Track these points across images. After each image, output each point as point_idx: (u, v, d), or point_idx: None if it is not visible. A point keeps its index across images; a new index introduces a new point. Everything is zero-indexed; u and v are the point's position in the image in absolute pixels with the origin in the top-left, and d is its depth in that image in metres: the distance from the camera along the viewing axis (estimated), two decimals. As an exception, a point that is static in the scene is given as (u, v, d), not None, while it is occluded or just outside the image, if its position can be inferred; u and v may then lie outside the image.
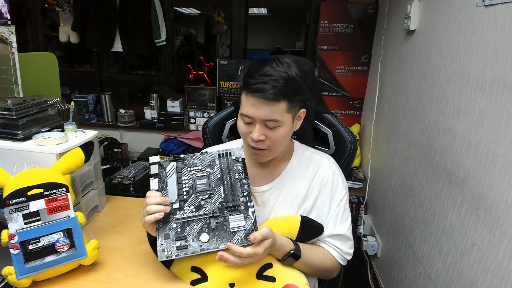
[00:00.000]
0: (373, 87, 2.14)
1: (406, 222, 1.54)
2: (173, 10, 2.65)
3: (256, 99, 0.77)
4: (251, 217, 0.77)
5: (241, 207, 0.78)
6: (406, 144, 1.60)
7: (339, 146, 1.05)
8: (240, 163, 0.82)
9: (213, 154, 0.82)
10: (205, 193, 0.79)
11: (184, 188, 0.79)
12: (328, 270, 0.90)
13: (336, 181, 0.91)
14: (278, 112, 0.78)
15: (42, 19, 2.79)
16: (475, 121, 1.04)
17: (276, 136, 0.81)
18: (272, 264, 0.80)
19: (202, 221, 0.77)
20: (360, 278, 1.95)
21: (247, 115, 0.80)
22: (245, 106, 0.80)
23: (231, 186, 0.79)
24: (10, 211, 0.74)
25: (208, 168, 0.80)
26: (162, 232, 0.76)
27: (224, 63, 2.44)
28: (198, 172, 0.80)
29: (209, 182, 0.79)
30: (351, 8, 2.23)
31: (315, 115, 1.08)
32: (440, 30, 1.32)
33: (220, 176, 0.80)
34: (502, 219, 0.89)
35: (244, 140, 0.86)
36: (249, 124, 0.82)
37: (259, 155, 0.84)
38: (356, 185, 2.19)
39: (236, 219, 0.77)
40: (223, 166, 0.81)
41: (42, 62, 1.35)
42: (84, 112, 2.73)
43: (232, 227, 0.76)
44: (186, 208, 0.77)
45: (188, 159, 0.81)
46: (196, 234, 0.76)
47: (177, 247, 0.75)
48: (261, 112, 0.78)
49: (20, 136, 0.94)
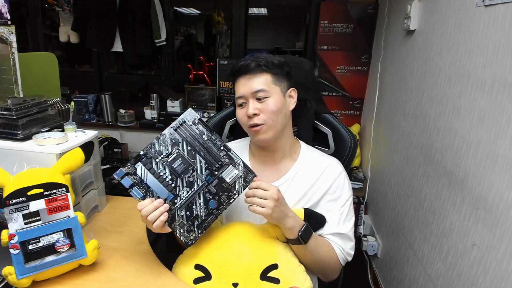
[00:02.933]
0: (373, 87, 2.14)
1: (406, 222, 1.54)
2: (173, 10, 2.65)
3: (242, 77, 0.88)
4: (239, 162, 0.80)
5: (225, 160, 0.80)
6: (406, 144, 1.60)
7: (338, 146, 1.05)
8: (199, 124, 0.81)
9: (169, 131, 0.80)
10: (188, 170, 0.79)
11: (167, 178, 0.78)
12: (330, 266, 0.89)
13: (343, 182, 0.93)
14: (263, 82, 0.87)
15: (42, 19, 2.79)
16: (475, 121, 1.04)
17: (268, 107, 0.86)
18: (278, 265, 0.80)
19: (201, 193, 0.79)
20: (360, 278, 1.95)
21: (240, 96, 0.88)
22: (237, 90, 0.89)
23: (206, 149, 0.80)
24: (10, 211, 0.74)
25: (174, 147, 0.79)
26: (175, 224, 0.78)
27: (224, 63, 2.44)
28: (168, 157, 0.79)
29: (185, 158, 0.79)
30: (351, 8, 2.23)
31: (315, 115, 1.08)
32: (440, 30, 1.32)
33: (191, 147, 0.79)
34: (502, 219, 0.89)
35: (244, 126, 0.90)
36: (244, 107, 0.88)
37: (259, 131, 0.87)
38: (356, 185, 2.19)
39: (228, 171, 0.80)
40: (186, 136, 0.80)
41: (42, 62, 1.35)
42: (84, 112, 2.73)
43: (230, 180, 0.80)
44: (180, 192, 0.78)
45: (149, 151, 0.79)
46: (204, 207, 0.79)
47: (197, 226, 0.79)
48: (248, 87, 0.86)
49: (20, 136, 0.94)
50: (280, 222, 0.79)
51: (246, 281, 0.77)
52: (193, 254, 0.84)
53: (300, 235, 0.81)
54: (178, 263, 0.85)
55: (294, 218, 0.81)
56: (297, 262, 0.84)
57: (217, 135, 0.81)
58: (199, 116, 0.81)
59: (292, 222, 0.80)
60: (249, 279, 0.78)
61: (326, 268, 0.90)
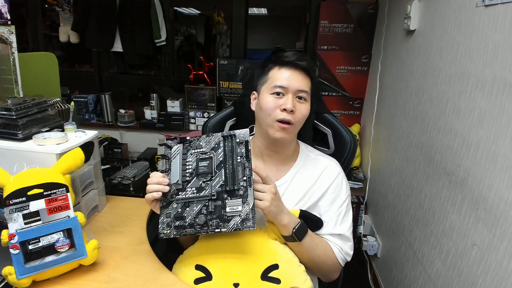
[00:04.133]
0: (373, 87, 2.14)
1: (406, 222, 1.54)
2: (173, 10, 2.65)
3: (292, 70, 0.86)
4: (250, 202, 0.76)
5: (240, 191, 0.77)
6: (406, 144, 1.60)
7: (338, 146, 1.05)
8: (243, 145, 0.80)
9: (218, 136, 0.81)
10: (207, 175, 0.79)
11: (188, 170, 0.79)
12: (328, 265, 0.89)
13: (340, 183, 0.93)
14: (308, 85, 0.87)
15: (42, 19, 2.79)
16: (475, 121, 1.04)
17: (303, 110, 0.86)
18: (278, 265, 0.80)
19: (201, 202, 0.78)
20: (360, 278, 1.95)
21: (282, 86, 0.85)
22: (279, 79, 0.86)
23: (233, 169, 0.79)
24: (10, 211, 0.74)
25: (212, 151, 0.80)
26: (164, 211, 0.78)
27: (224, 63, 2.44)
28: (201, 154, 0.80)
29: (211, 165, 0.79)
30: (351, 8, 2.23)
31: (315, 115, 1.08)
32: (440, 30, 1.32)
33: (223, 159, 0.79)
34: (502, 219, 0.89)
35: (270, 116, 0.86)
36: (279, 98, 0.86)
37: (287, 129, 0.85)
38: (356, 185, 2.19)
39: (234, 203, 0.77)
40: (226, 149, 0.80)
41: (42, 62, 1.35)
42: (84, 112, 2.73)
43: (229, 211, 0.76)
44: (188, 189, 0.78)
45: (194, 141, 0.81)
46: (194, 216, 0.77)
47: (175, 226, 0.77)
48: (296, 82, 0.85)
49: (20, 136, 0.94)
50: (276, 217, 0.80)
51: (247, 281, 0.77)
52: (193, 254, 0.84)
53: (294, 232, 0.81)
54: (179, 263, 0.85)
55: (289, 216, 0.82)
56: (297, 263, 0.84)
57: (251, 168, 0.78)
58: (248, 139, 0.80)
59: (287, 219, 0.81)
60: (250, 279, 0.78)
61: (324, 267, 0.89)
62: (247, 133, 0.81)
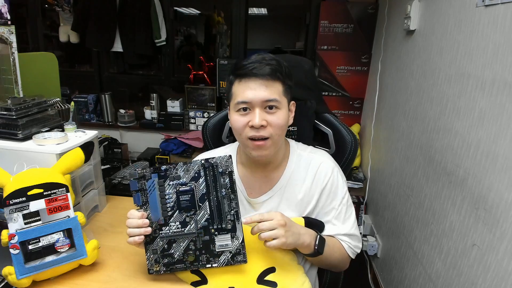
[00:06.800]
0: (373, 87, 2.14)
1: (406, 222, 1.54)
2: (173, 10, 2.65)
3: (253, 81, 0.76)
4: (239, 237, 0.75)
5: (228, 226, 0.75)
6: (406, 144, 1.60)
7: (339, 146, 1.05)
8: (227, 176, 0.74)
9: (198, 164, 0.75)
10: (190, 210, 0.75)
11: (168, 204, 0.75)
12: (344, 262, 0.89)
13: (336, 179, 0.89)
14: (276, 92, 0.77)
15: (42, 19, 2.79)
16: (475, 121, 1.04)
17: (278, 120, 0.77)
18: (275, 268, 0.79)
19: (188, 238, 0.76)
20: (360, 278, 1.95)
21: (245, 101, 0.76)
22: (241, 93, 0.77)
23: (218, 203, 0.75)
24: (10, 211, 0.74)
25: (192, 181, 0.74)
26: (150, 248, 0.77)
27: (224, 63, 2.44)
28: (181, 186, 0.74)
29: (194, 198, 0.75)
30: (351, 8, 2.23)
31: (316, 115, 1.08)
32: (440, 30, 1.32)
33: (206, 191, 0.74)
34: (502, 219, 0.89)
35: (241, 136, 0.80)
36: (246, 114, 0.77)
37: (263, 146, 0.78)
38: (356, 185, 2.19)
39: (223, 239, 0.75)
40: (208, 179, 0.74)
41: (42, 62, 1.35)
42: (84, 112, 2.73)
43: (218, 247, 0.75)
44: (171, 224, 0.75)
45: (171, 170, 0.75)
46: (183, 252, 0.76)
47: (164, 264, 0.76)
48: (260, 93, 0.75)
49: (20, 136, 0.94)
50: (297, 244, 0.75)
51: (242, 284, 0.77)
52: None
53: (317, 249, 0.77)
54: None
55: (307, 233, 0.78)
56: (296, 265, 0.83)
57: (237, 200, 0.75)
58: (232, 169, 0.75)
59: (308, 238, 0.77)
60: (245, 282, 0.77)
61: (340, 265, 0.90)
62: (230, 161, 0.74)
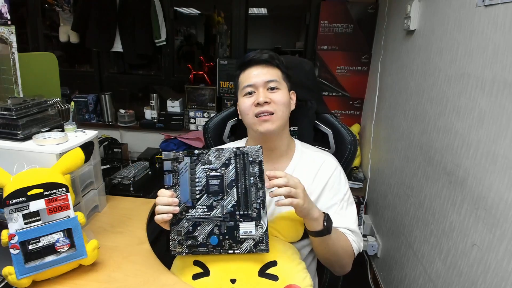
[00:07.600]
0: (373, 87, 2.14)
1: (406, 222, 1.54)
2: (173, 10, 2.65)
3: (255, 67, 0.90)
4: (263, 225, 0.76)
5: (253, 214, 0.76)
6: (406, 144, 1.60)
7: (339, 146, 1.05)
8: (257, 165, 0.77)
9: (229, 151, 0.77)
10: (218, 195, 0.77)
11: (197, 187, 0.77)
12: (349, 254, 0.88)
13: (339, 176, 0.93)
14: (275, 75, 0.90)
15: (42, 19, 2.78)
16: (475, 121, 1.04)
17: (279, 98, 0.87)
18: (277, 262, 0.80)
19: (213, 222, 0.77)
20: (360, 278, 1.95)
21: (250, 84, 0.89)
22: (246, 79, 0.90)
23: (245, 190, 0.76)
24: (10, 211, 0.74)
25: (222, 167, 0.77)
26: (175, 228, 0.78)
27: (224, 63, 2.44)
28: (212, 171, 0.77)
29: (223, 183, 0.77)
30: (351, 8, 2.23)
31: (316, 115, 1.08)
32: (440, 30, 1.32)
33: (235, 178, 0.77)
34: (502, 219, 0.89)
35: (248, 115, 0.89)
36: (251, 96, 0.89)
37: (269, 120, 0.86)
38: (356, 185, 2.19)
39: (247, 226, 0.76)
40: (238, 166, 0.77)
41: (42, 62, 1.35)
42: (84, 112, 2.73)
43: (242, 234, 0.76)
44: (198, 207, 0.77)
45: (203, 155, 0.78)
46: (207, 236, 0.77)
47: (187, 245, 0.77)
48: (262, 76, 0.88)
49: (20, 136, 0.94)
50: (309, 212, 0.76)
51: (244, 277, 0.77)
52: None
53: (326, 225, 0.78)
54: (178, 259, 0.86)
55: (318, 209, 0.79)
56: (297, 260, 0.84)
57: (264, 189, 0.76)
58: (262, 159, 0.77)
59: (318, 212, 0.78)
60: (247, 275, 0.78)
61: (345, 257, 0.88)
62: (260, 151, 0.77)
